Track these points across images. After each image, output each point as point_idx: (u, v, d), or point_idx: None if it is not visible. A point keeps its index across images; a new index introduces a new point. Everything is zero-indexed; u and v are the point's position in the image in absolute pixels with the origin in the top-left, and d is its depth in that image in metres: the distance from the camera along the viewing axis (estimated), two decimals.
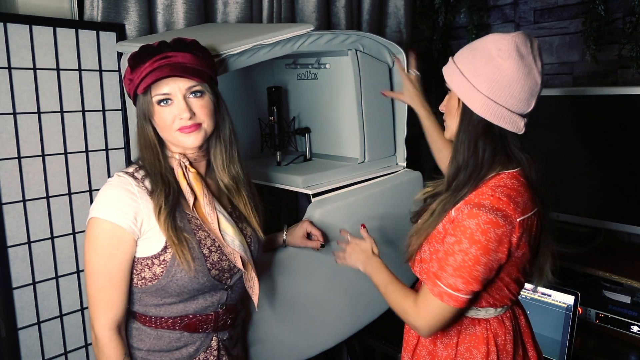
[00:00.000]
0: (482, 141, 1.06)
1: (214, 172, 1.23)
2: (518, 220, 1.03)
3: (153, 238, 1.10)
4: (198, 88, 1.12)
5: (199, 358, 1.19)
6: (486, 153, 1.07)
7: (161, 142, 1.17)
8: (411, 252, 1.17)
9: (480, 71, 1.03)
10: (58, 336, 1.52)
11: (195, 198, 1.15)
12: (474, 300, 1.10)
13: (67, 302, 1.53)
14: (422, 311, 1.08)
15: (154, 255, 1.10)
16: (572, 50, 2.18)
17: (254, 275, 1.22)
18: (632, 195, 1.80)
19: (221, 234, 1.15)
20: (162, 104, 1.11)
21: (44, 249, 1.47)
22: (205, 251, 1.14)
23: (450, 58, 1.12)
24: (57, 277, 1.50)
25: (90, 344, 1.58)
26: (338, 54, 1.63)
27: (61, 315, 1.52)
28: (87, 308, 1.55)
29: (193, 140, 1.13)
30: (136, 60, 1.11)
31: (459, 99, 1.08)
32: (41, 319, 1.48)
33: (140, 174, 1.14)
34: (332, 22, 2.09)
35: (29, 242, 1.44)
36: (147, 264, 1.11)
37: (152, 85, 1.10)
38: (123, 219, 1.07)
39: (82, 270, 1.55)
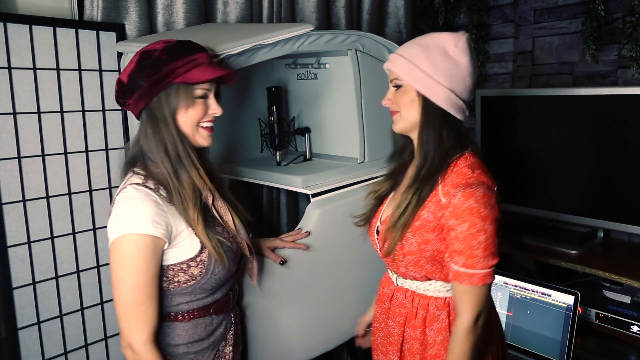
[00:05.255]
0: (446, 130, 1.16)
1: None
2: (495, 188, 1.14)
3: (184, 243, 1.12)
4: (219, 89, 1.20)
5: (228, 336, 1.26)
6: (451, 140, 1.16)
7: None
8: (390, 247, 1.20)
9: (440, 66, 1.13)
10: (58, 336, 1.52)
11: (213, 195, 1.20)
12: None
13: (67, 302, 1.53)
14: (473, 307, 1.11)
15: (191, 258, 1.13)
16: (572, 50, 2.18)
17: (252, 258, 1.31)
18: (632, 195, 1.80)
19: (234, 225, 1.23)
20: (200, 98, 1.15)
21: (44, 248, 1.47)
22: (229, 243, 1.20)
23: (395, 55, 1.19)
24: (57, 277, 1.50)
25: (90, 343, 1.58)
26: (338, 54, 1.63)
27: (61, 315, 1.52)
28: (87, 308, 1.56)
29: (210, 140, 1.20)
30: (178, 52, 1.11)
31: (418, 94, 1.15)
32: (41, 319, 1.48)
33: (151, 183, 1.13)
34: (332, 22, 2.09)
35: (29, 242, 1.44)
36: (182, 268, 1.13)
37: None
38: (159, 230, 1.07)
39: (82, 270, 1.55)
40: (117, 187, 1.19)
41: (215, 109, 1.17)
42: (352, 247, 1.59)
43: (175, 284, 1.14)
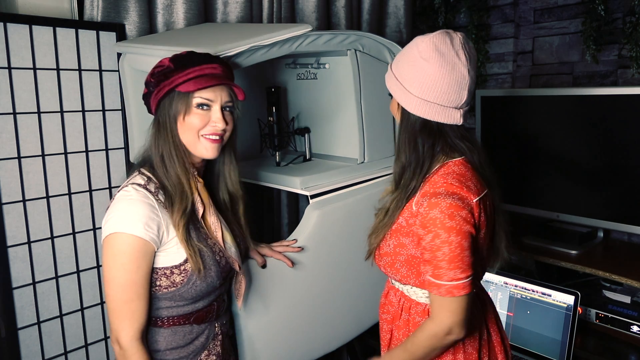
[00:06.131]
0: (421, 137, 1.13)
1: (214, 182, 1.29)
2: (474, 200, 1.09)
3: (172, 249, 1.14)
4: (232, 103, 1.19)
5: (210, 346, 1.26)
6: (425, 147, 1.14)
7: None
8: (370, 250, 1.24)
9: (409, 74, 1.12)
10: (58, 336, 1.52)
11: (204, 208, 1.21)
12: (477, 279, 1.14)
13: (67, 302, 1.53)
14: (445, 316, 1.08)
15: (175, 265, 1.14)
16: (572, 50, 2.18)
17: (241, 277, 1.31)
18: (632, 195, 1.80)
19: (222, 242, 1.23)
20: (200, 108, 1.15)
21: (44, 249, 1.47)
22: (217, 257, 1.20)
23: (389, 65, 1.21)
24: (57, 277, 1.50)
25: (90, 343, 1.58)
26: (337, 54, 1.63)
27: (61, 315, 1.52)
28: (87, 308, 1.56)
29: (214, 152, 1.19)
30: (184, 62, 1.14)
31: (397, 105, 1.17)
32: (41, 319, 1.48)
33: (152, 186, 1.15)
34: (332, 22, 2.10)
35: (29, 242, 1.45)
36: (165, 273, 1.14)
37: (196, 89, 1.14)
38: (149, 234, 1.10)
39: (82, 270, 1.55)
40: (118, 187, 1.20)
41: (215, 121, 1.16)
42: (352, 248, 1.59)
43: (157, 287, 1.15)
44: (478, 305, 1.23)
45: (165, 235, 1.13)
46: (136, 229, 1.09)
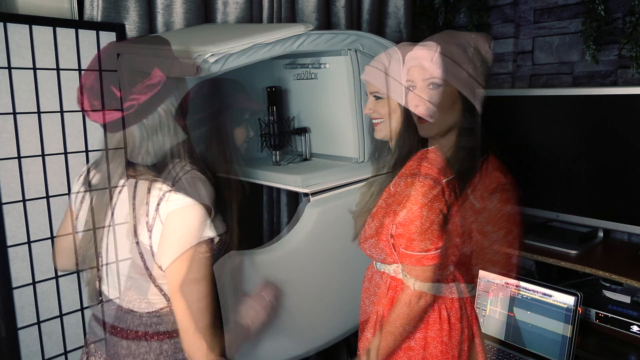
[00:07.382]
0: (416, 131, 1.28)
1: None
2: (444, 181, 1.22)
3: None
4: None
5: None
6: (418, 140, 1.29)
7: None
8: (357, 231, 1.35)
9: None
10: (58, 336, 1.52)
11: None
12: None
13: (67, 302, 1.53)
14: (415, 284, 1.21)
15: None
16: (572, 50, 2.18)
17: None
18: (632, 195, 1.80)
19: None
20: None
21: (44, 248, 1.47)
22: None
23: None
24: (57, 277, 1.50)
25: (91, 343, 1.58)
26: (337, 54, 1.63)
27: (61, 315, 1.52)
28: (87, 308, 1.56)
29: None
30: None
31: (398, 104, 1.29)
32: (41, 319, 1.48)
33: None
34: (332, 22, 2.10)
35: (29, 242, 1.45)
36: None
37: None
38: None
39: (82, 270, 1.55)
40: (116, 187, 1.19)
41: None
42: (351, 246, 1.59)
43: None
44: (458, 284, 1.34)
45: None
46: (211, 230, 1.11)
